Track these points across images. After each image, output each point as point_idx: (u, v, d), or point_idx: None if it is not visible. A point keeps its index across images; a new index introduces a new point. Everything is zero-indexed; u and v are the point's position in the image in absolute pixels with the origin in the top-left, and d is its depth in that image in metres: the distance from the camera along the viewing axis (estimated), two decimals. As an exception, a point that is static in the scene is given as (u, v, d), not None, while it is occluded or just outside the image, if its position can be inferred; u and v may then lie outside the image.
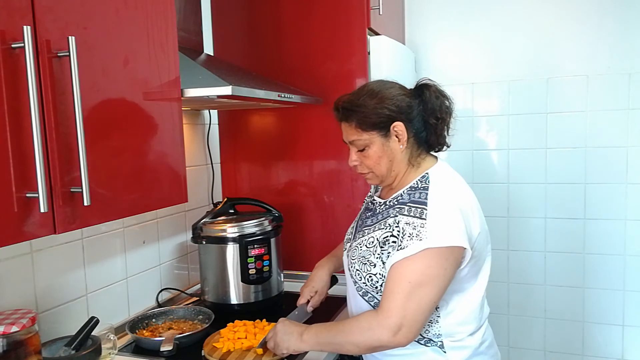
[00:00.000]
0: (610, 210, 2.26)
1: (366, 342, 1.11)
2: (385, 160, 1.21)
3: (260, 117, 2.05)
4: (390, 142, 1.20)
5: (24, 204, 0.81)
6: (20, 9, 0.81)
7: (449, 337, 1.17)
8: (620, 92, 2.19)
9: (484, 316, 1.26)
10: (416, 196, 1.15)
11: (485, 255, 1.22)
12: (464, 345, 1.18)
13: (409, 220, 1.12)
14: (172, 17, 1.19)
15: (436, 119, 1.21)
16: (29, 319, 1.01)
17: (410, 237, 1.09)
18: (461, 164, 2.46)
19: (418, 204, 1.13)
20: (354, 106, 1.20)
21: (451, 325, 1.17)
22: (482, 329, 1.24)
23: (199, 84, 1.28)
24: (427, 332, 1.17)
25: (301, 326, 1.23)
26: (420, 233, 1.08)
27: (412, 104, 1.20)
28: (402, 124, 1.18)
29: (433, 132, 1.22)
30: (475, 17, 2.37)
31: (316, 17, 1.88)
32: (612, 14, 2.17)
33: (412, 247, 1.08)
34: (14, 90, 0.79)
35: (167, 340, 1.32)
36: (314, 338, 1.18)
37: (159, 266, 1.75)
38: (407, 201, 1.16)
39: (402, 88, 1.24)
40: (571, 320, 2.37)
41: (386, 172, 1.22)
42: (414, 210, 1.13)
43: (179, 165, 1.22)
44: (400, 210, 1.15)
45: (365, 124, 1.19)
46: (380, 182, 1.26)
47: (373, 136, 1.19)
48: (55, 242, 1.32)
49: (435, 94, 1.22)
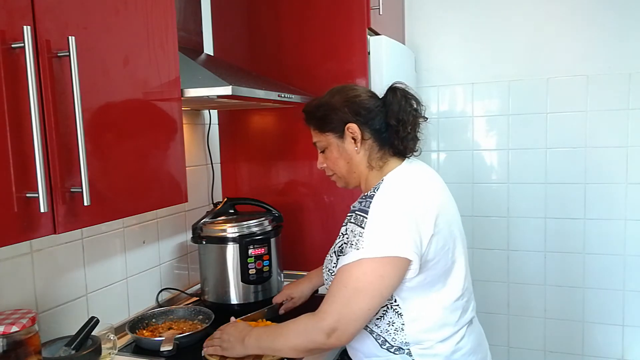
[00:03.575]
0: (610, 210, 2.26)
1: (302, 344, 1.13)
2: (342, 161, 1.24)
3: (260, 117, 2.05)
4: (345, 143, 1.22)
5: (24, 204, 0.81)
6: (20, 9, 0.81)
7: (417, 345, 1.15)
8: (620, 92, 2.19)
9: (462, 322, 1.20)
10: (363, 204, 1.14)
11: (452, 258, 1.17)
12: (434, 353, 1.15)
13: (353, 227, 1.12)
14: (172, 17, 1.19)
15: (397, 121, 1.19)
16: (29, 319, 1.01)
17: (350, 245, 1.11)
18: (461, 164, 2.47)
19: (362, 213, 1.13)
20: (313, 109, 1.26)
21: (417, 332, 1.14)
22: (456, 336, 1.18)
23: (199, 84, 1.28)
24: (394, 340, 1.15)
25: (245, 329, 1.25)
26: (358, 242, 1.09)
27: (369, 106, 1.21)
28: (355, 125, 1.20)
29: (395, 135, 1.20)
30: (475, 17, 2.37)
31: (316, 17, 1.88)
32: (612, 14, 2.18)
33: (350, 255, 1.09)
34: (14, 90, 0.79)
35: (167, 340, 1.32)
36: (256, 343, 1.20)
37: (159, 266, 1.75)
38: (356, 209, 1.16)
39: (367, 91, 1.27)
40: (571, 320, 2.37)
41: (346, 173, 1.25)
42: (357, 218, 1.13)
43: (179, 165, 1.22)
44: (349, 218, 1.16)
45: (321, 127, 1.25)
46: (345, 184, 1.29)
47: (329, 138, 1.24)
48: (55, 242, 1.32)
49: (400, 96, 1.21)
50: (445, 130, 2.49)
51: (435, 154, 2.51)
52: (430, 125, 2.50)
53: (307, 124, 1.30)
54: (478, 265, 2.48)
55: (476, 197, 2.46)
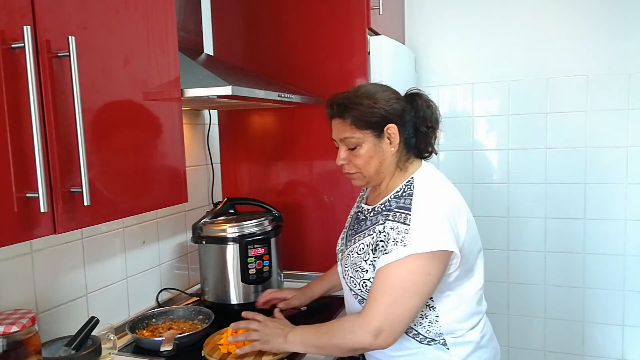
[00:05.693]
0: (610, 210, 2.26)
1: (348, 345, 1.13)
2: (375, 161, 1.22)
3: (260, 117, 2.05)
4: (382, 143, 1.22)
5: (24, 204, 0.81)
6: (20, 9, 0.81)
7: (450, 335, 1.20)
8: (620, 92, 2.19)
9: (482, 310, 1.29)
10: (401, 202, 1.17)
11: (476, 254, 1.24)
12: (466, 341, 1.21)
13: (394, 225, 1.13)
14: (172, 17, 1.19)
15: (427, 127, 1.24)
16: (29, 319, 1.01)
17: (394, 242, 1.11)
18: (461, 164, 2.47)
19: (403, 210, 1.15)
20: (351, 103, 1.21)
21: (451, 323, 1.20)
22: (481, 323, 1.26)
23: (199, 84, 1.28)
24: (429, 332, 1.19)
25: (288, 326, 1.26)
26: (405, 239, 1.10)
27: (405, 109, 1.23)
28: (395, 126, 1.21)
29: (423, 140, 1.25)
30: (475, 17, 2.37)
31: (316, 17, 1.88)
32: (612, 14, 2.17)
33: (396, 252, 1.10)
34: (14, 90, 0.79)
35: (167, 340, 1.32)
36: (299, 339, 1.21)
37: (159, 266, 1.75)
38: (393, 207, 1.17)
39: (396, 93, 1.26)
40: (571, 320, 2.37)
41: (374, 173, 1.24)
42: (399, 215, 1.14)
43: (179, 165, 1.22)
44: (386, 216, 1.17)
45: (361, 122, 1.20)
46: (367, 183, 1.27)
47: (367, 135, 1.20)
48: (55, 242, 1.32)
49: (426, 103, 1.25)
50: (445, 130, 2.48)
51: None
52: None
53: (339, 117, 1.23)
54: (478, 265, 2.48)
55: (476, 197, 2.46)
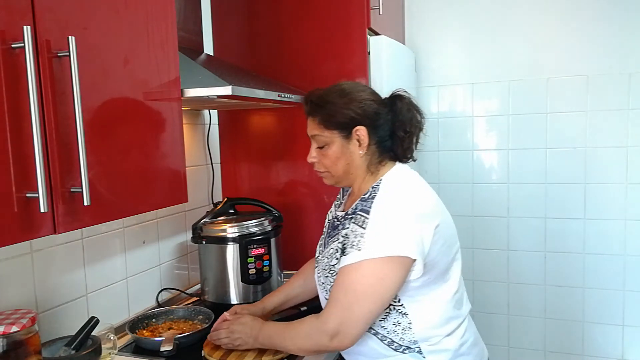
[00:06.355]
0: (610, 210, 2.26)
1: (308, 346, 1.16)
2: (342, 162, 1.21)
3: (260, 117, 2.04)
4: (350, 144, 1.20)
5: (24, 204, 0.81)
6: (20, 9, 0.81)
7: (425, 342, 1.16)
8: (620, 92, 2.19)
9: (462, 314, 1.24)
10: (364, 205, 1.15)
11: (451, 258, 1.20)
12: (443, 348, 1.17)
13: (354, 228, 1.13)
14: (172, 17, 1.19)
15: (404, 132, 1.21)
16: (29, 319, 1.01)
17: (352, 245, 1.11)
18: (461, 164, 2.47)
19: (363, 213, 1.13)
20: (322, 102, 1.21)
21: (425, 329, 1.16)
22: (461, 329, 1.21)
23: (199, 84, 1.28)
24: (403, 340, 1.15)
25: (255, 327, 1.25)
26: (359, 243, 1.09)
27: (379, 112, 1.20)
28: (365, 129, 1.18)
29: (400, 144, 1.22)
30: (475, 17, 2.37)
31: (316, 17, 1.88)
32: (612, 14, 2.18)
33: (351, 255, 1.09)
34: (14, 90, 0.79)
35: (167, 340, 1.32)
36: (268, 341, 1.22)
37: (159, 266, 1.75)
38: (357, 210, 1.16)
39: (374, 94, 1.24)
40: (571, 320, 2.37)
41: (342, 173, 1.23)
42: (359, 219, 1.13)
43: (179, 165, 1.22)
44: (350, 219, 1.17)
45: (329, 122, 1.20)
46: (336, 182, 1.27)
47: (334, 135, 1.20)
48: (55, 242, 1.32)
49: (407, 106, 1.21)
50: (445, 130, 2.49)
51: (435, 154, 2.51)
52: (430, 125, 2.51)
53: (310, 115, 1.24)
54: (478, 265, 2.48)
55: (476, 197, 2.46)
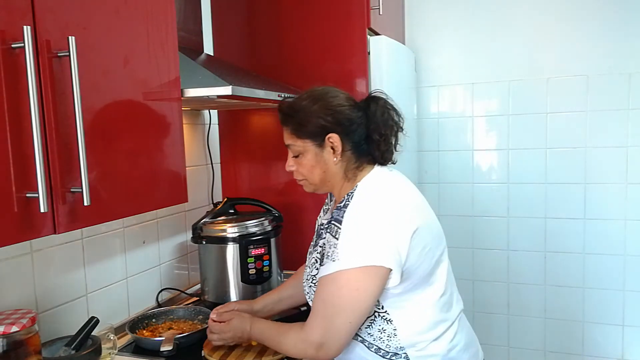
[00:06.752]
0: (610, 210, 2.26)
1: (296, 354, 1.16)
2: (318, 170, 1.19)
3: (260, 117, 2.04)
4: (324, 152, 1.17)
5: (24, 204, 0.81)
6: (20, 9, 0.81)
7: (412, 348, 1.13)
8: (620, 92, 2.19)
9: (451, 317, 1.19)
10: (338, 215, 1.12)
11: (434, 262, 1.15)
12: (430, 354, 1.14)
13: (329, 238, 1.12)
14: (172, 17, 1.19)
15: (379, 135, 1.17)
16: (29, 319, 1.01)
17: (327, 256, 1.10)
18: (461, 164, 2.47)
19: (336, 223, 1.11)
20: (292, 111, 1.18)
21: (411, 335, 1.13)
22: (449, 332, 1.17)
23: (199, 84, 1.28)
24: (389, 347, 1.13)
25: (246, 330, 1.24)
26: (334, 254, 1.08)
27: (352, 117, 1.16)
28: (337, 136, 1.15)
29: (376, 148, 1.18)
30: (475, 17, 2.37)
31: (316, 17, 1.88)
32: (612, 14, 2.18)
33: (327, 266, 1.09)
34: (14, 90, 0.79)
35: (167, 340, 1.32)
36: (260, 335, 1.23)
37: (159, 266, 1.75)
38: (331, 219, 1.15)
39: (348, 99, 1.20)
40: (571, 320, 2.37)
41: (319, 182, 1.21)
42: (332, 228, 1.12)
43: (179, 165, 1.22)
44: (326, 228, 1.16)
45: (300, 132, 1.17)
46: (315, 190, 1.25)
47: (307, 144, 1.17)
48: (55, 242, 1.32)
49: (382, 109, 1.18)
50: (445, 130, 2.49)
51: (435, 154, 2.51)
52: (430, 125, 2.51)
53: (283, 125, 1.21)
54: (478, 265, 2.48)
55: (476, 197, 2.46)
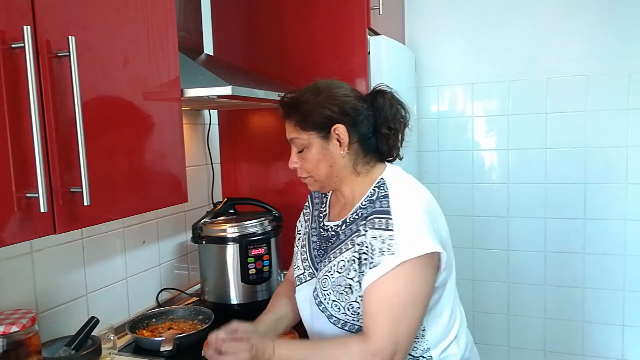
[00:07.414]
0: (610, 210, 2.26)
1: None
2: (324, 164, 1.12)
3: (260, 117, 2.04)
4: (330, 145, 1.11)
5: (24, 204, 0.81)
6: (20, 9, 0.81)
7: (435, 349, 1.10)
8: (620, 92, 2.19)
9: (462, 313, 1.20)
10: (377, 206, 1.05)
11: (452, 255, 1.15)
12: (451, 354, 1.12)
13: (376, 233, 1.02)
14: (172, 17, 1.19)
15: (388, 129, 1.12)
16: (29, 319, 1.02)
17: (380, 252, 1.00)
18: (461, 164, 2.47)
19: (382, 215, 1.03)
20: (296, 102, 1.13)
21: (437, 334, 1.11)
22: (463, 332, 1.18)
23: (199, 84, 1.28)
24: (416, 350, 1.09)
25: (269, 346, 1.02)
26: (391, 246, 0.99)
27: (358, 107, 1.12)
28: (343, 126, 1.10)
29: (385, 142, 1.14)
30: (475, 17, 2.37)
31: (316, 17, 1.88)
32: (612, 14, 2.18)
33: (385, 263, 0.99)
34: (14, 90, 0.79)
35: (167, 340, 1.32)
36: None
37: (159, 266, 1.75)
38: (369, 213, 1.06)
39: (352, 90, 1.16)
40: (571, 320, 2.37)
41: (325, 177, 1.14)
42: (379, 221, 1.03)
43: (179, 165, 1.22)
44: (364, 224, 1.06)
45: (305, 123, 1.11)
46: (321, 187, 1.17)
47: (312, 137, 1.11)
48: (55, 242, 1.32)
49: (389, 101, 1.14)
50: (445, 130, 2.49)
51: (435, 154, 2.51)
52: (430, 125, 2.51)
53: (286, 118, 1.16)
54: (478, 265, 2.48)
55: (476, 197, 2.46)
